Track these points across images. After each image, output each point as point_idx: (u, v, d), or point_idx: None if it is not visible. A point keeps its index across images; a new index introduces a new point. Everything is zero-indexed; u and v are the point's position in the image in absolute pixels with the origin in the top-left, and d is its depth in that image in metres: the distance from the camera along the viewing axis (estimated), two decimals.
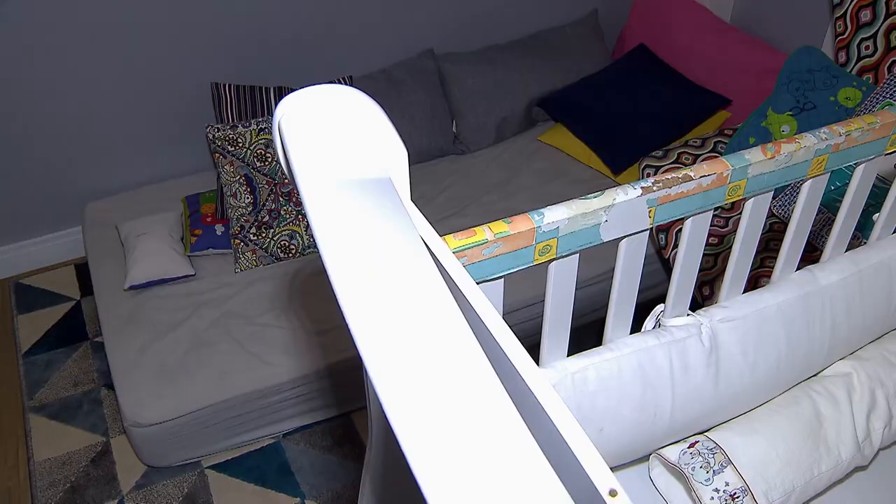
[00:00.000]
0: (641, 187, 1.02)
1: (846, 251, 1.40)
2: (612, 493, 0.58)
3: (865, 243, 1.42)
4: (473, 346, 0.60)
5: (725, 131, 2.63)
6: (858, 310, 1.38)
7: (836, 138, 1.15)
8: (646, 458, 1.40)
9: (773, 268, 1.36)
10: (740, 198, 1.12)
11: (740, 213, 2.24)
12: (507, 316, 2.41)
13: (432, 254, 0.79)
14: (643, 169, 2.56)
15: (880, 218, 1.39)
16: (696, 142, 2.60)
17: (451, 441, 0.49)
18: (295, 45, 2.87)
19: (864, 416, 1.36)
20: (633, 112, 2.90)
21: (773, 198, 2.29)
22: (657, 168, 2.50)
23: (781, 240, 2.13)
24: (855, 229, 1.96)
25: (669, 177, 1.05)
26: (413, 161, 3.02)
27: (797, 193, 2.22)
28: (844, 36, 2.34)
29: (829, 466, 1.31)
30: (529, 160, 3.00)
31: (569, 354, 1.18)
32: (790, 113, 2.34)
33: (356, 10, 2.91)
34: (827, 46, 2.64)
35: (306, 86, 0.76)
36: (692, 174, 1.06)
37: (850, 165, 1.23)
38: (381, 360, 0.54)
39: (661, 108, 2.88)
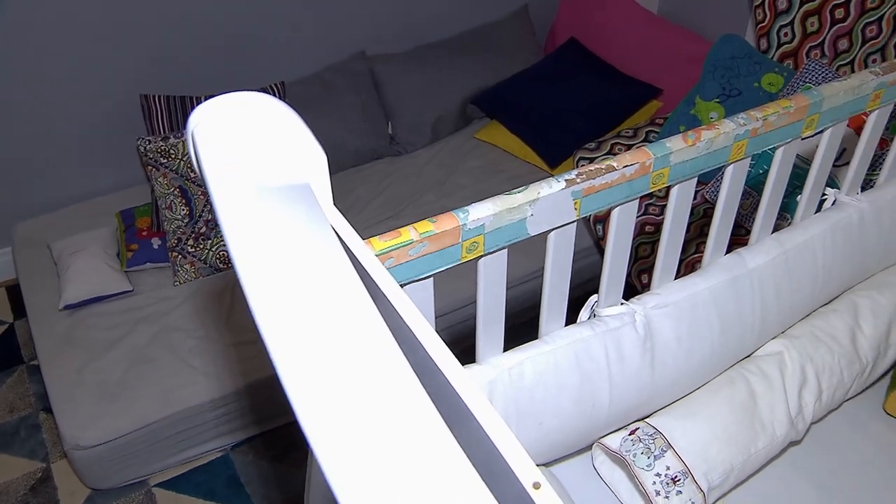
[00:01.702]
0: (565, 180, 1.03)
1: (773, 233, 1.43)
2: (536, 486, 0.58)
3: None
4: (391, 349, 0.59)
5: (657, 121, 2.67)
6: (787, 289, 1.41)
7: (754, 123, 1.18)
8: (589, 448, 1.41)
9: None
10: (664, 185, 1.14)
11: None
12: (455, 312, 2.41)
13: (355, 257, 0.79)
14: (577, 161, 2.59)
15: (802, 198, 1.42)
16: (628, 132, 2.64)
17: (365, 444, 0.49)
18: (225, 53, 2.84)
19: (796, 393, 1.40)
20: (566, 105, 2.93)
21: (705, 184, 2.33)
22: (591, 160, 2.53)
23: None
24: (784, 210, 2.01)
25: (593, 168, 1.06)
26: (349, 164, 3.00)
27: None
28: (764, 24, 2.39)
29: (765, 444, 1.34)
30: (466, 158, 3.01)
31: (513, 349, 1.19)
32: (717, 100, 2.38)
33: (285, 15, 2.88)
34: (750, 34, 2.70)
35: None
36: (615, 164, 1.07)
37: (772, 149, 1.26)
38: (294, 368, 0.53)
39: (594, 101, 2.91)
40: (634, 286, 2.33)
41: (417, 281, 1.00)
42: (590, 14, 3.24)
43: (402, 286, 1.00)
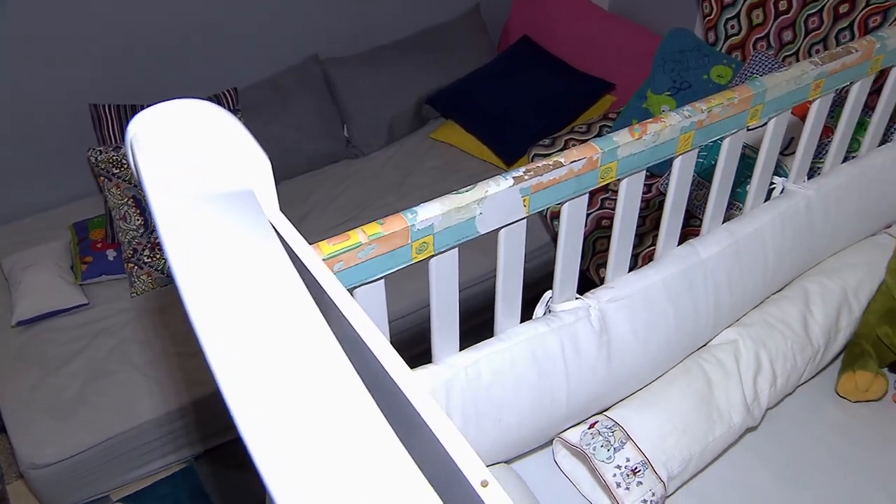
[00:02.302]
0: (513, 177, 1.04)
1: (725, 223, 1.44)
2: (484, 484, 0.58)
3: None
4: (334, 353, 0.59)
5: (610, 115, 2.69)
6: (739, 278, 1.42)
7: (699, 115, 1.19)
8: (550, 443, 1.42)
9: None
10: (613, 179, 1.14)
11: None
12: (420, 312, 2.41)
13: (301, 263, 0.78)
14: (532, 158, 2.60)
15: (751, 188, 1.44)
16: (582, 128, 2.65)
17: (307, 452, 0.49)
18: (176, 60, 2.80)
19: (752, 379, 1.41)
20: (520, 103, 2.94)
21: (660, 176, 2.35)
22: (545, 156, 2.53)
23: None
24: (736, 200, 2.03)
25: (540, 164, 1.06)
26: (306, 168, 2.99)
27: None
28: (711, 17, 2.42)
29: (722, 431, 1.36)
30: (423, 159, 3.01)
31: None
32: (668, 93, 2.41)
33: (236, 20, 2.86)
34: (699, 28, 2.73)
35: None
36: (563, 160, 1.07)
37: (719, 140, 1.27)
38: (235, 379, 0.53)
39: (548, 97, 2.93)
40: (593, 280, 2.35)
41: (368, 283, 0.99)
42: (542, 12, 3.26)
43: (352, 289, 0.99)
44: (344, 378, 0.57)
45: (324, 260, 0.93)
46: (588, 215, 2.31)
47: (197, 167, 0.77)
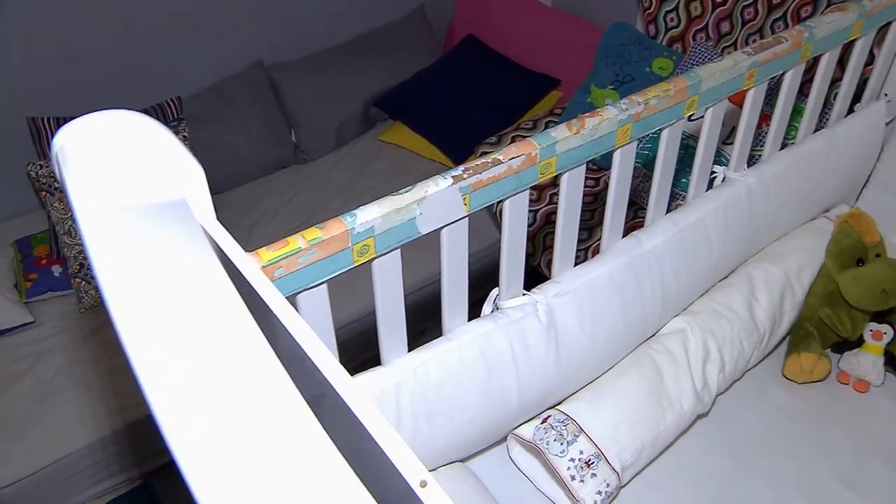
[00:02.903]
0: (452, 176, 1.04)
1: (669, 213, 1.46)
2: (423, 485, 0.58)
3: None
4: (268, 362, 0.59)
5: (556, 111, 2.71)
6: (684, 267, 1.44)
7: (636, 107, 1.20)
8: (505, 439, 1.42)
9: None
10: (553, 174, 1.15)
11: None
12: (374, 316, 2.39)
13: (237, 271, 0.77)
14: (480, 156, 2.60)
15: (692, 178, 1.46)
16: (528, 124, 2.66)
17: (241, 464, 0.48)
18: (117, 70, 2.75)
19: (700, 367, 1.43)
20: (467, 102, 2.94)
21: (608, 169, 2.37)
22: None
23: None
24: (681, 190, 2.06)
25: (479, 163, 1.06)
26: (255, 175, 2.96)
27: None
28: (651, 10, 2.45)
29: (673, 419, 1.37)
30: (372, 161, 2.99)
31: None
32: (611, 87, 2.43)
33: (178, 28, 2.82)
34: (640, 22, 2.75)
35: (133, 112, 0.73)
36: (501, 158, 1.08)
37: (658, 131, 1.28)
38: (165, 393, 0.52)
39: (494, 95, 2.93)
40: (545, 276, 2.36)
41: (311, 288, 0.99)
42: (486, 10, 3.27)
43: (295, 295, 0.98)
44: (278, 387, 0.57)
45: (264, 267, 0.92)
46: (537, 211, 2.32)
47: (125, 178, 0.75)
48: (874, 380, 1.55)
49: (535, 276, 2.17)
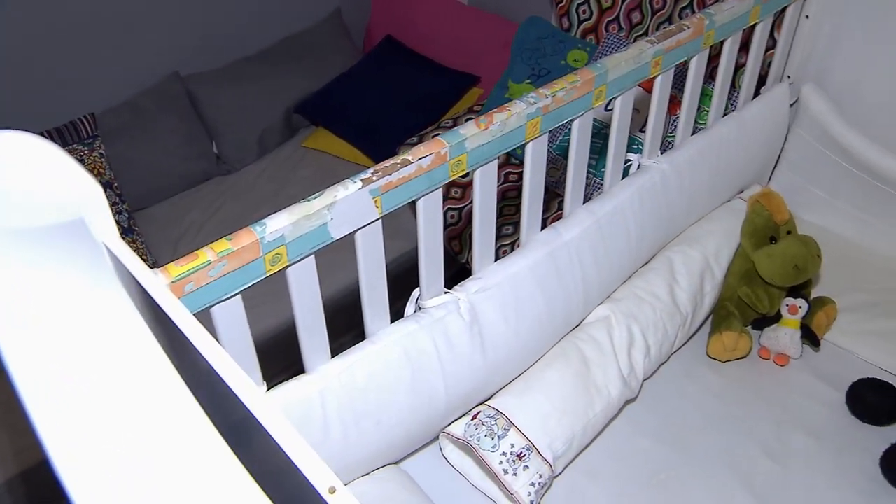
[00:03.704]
0: (361, 179, 1.03)
1: (586, 202, 1.47)
2: (332, 491, 0.57)
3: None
4: (170, 379, 0.58)
5: (476, 108, 2.72)
6: (604, 256, 1.46)
7: (544, 100, 1.21)
8: (437, 438, 1.42)
9: None
10: (464, 171, 1.15)
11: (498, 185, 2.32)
12: None
13: (142, 288, 0.76)
14: None
15: (607, 166, 1.48)
16: (448, 122, 2.67)
17: (142, 483, 0.47)
18: (26, 87, 2.68)
19: (626, 353, 1.45)
20: (388, 103, 2.94)
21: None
22: None
23: (544, 203, 2.22)
24: (602, 178, 2.08)
25: (388, 164, 1.06)
26: (178, 189, 2.90)
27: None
28: (563, 4, 2.48)
29: (602, 406, 1.39)
30: (297, 168, 2.97)
31: None
32: (528, 81, 2.45)
33: (88, 42, 2.75)
34: (554, 16, 2.78)
35: (44, 130, 0.71)
36: (410, 158, 1.08)
37: (568, 123, 1.30)
38: (56, 417, 0.50)
39: (415, 95, 2.93)
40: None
41: (224, 301, 0.97)
42: (402, 10, 3.26)
43: (208, 308, 0.97)
44: (180, 403, 0.56)
45: (173, 282, 0.91)
46: (462, 209, 2.33)
47: (17, 200, 0.73)
48: (793, 353, 1.60)
49: (466, 273, 2.17)
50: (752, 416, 1.49)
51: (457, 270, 2.26)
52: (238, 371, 0.65)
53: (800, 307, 1.59)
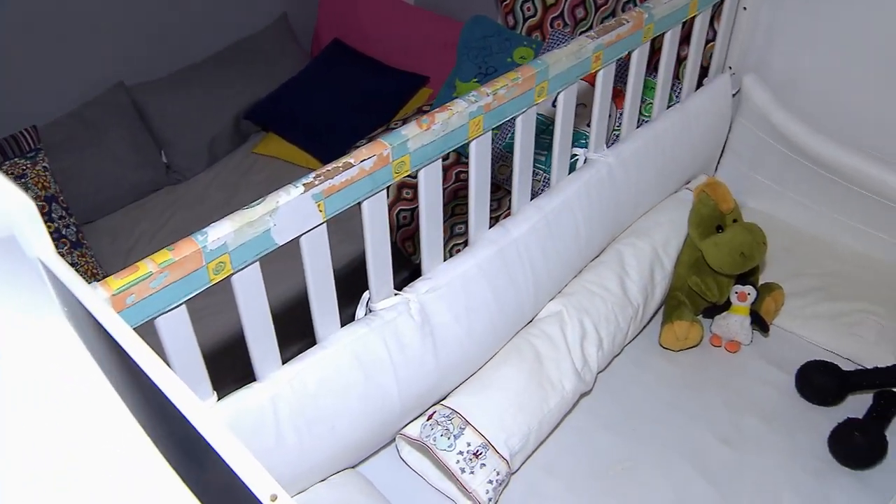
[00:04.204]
0: (303, 184, 1.03)
1: (534, 199, 1.48)
2: (273, 498, 0.57)
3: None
4: (106, 396, 0.57)
5: (424, 108, 2.72)
6: (553, 251, 1.47)
7: (486, 98, 1.22)
8: (394, 440, 1.42)
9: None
10: (408, 172, 1.15)
11: (447, 185, 2.33)
12: None
13: (80, 303, 0.75)
14: None
15: (553, 162, 1.49)
16: (397, 124, 2.67)
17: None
18: None
19: (579, 346, 1.46)
20: (338, 107, 2.93)
21: None
22: None
23: (496, 200, 2.23)
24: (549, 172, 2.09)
25: (330, 168, 1.06)
26: (127, 200, 2.86)
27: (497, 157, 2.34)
28: (507, 2, 2.49)
29: (556, 401, 1.40)
30: (248, 175, 2.94)
31: None
32: (475, 80, 2.46)
33: (27, 53, 2.70)
34: (501, 14, 2.79)
35: None
36: (352, 161, 1.08)
37: (511, 120, 1.30)
38: None
39: (365, 98, 2.93)
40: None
41: (168, 312, 0.96)
42: (348, 13, 3.25)
43: (152, 320, 0.96)
44: (116, 420, 0.55)
45: (114, 295, 0.89)
46: (414, 210, 2.33)
47: None
48: (743, 339, 1.62)
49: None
50: (706, 403, 1.51)
51: (413, 272, 2.26)
52: (176, 382, 0.64)
53: (748, 294, 1.62)
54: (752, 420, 1.48)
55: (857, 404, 1.48)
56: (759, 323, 1.62)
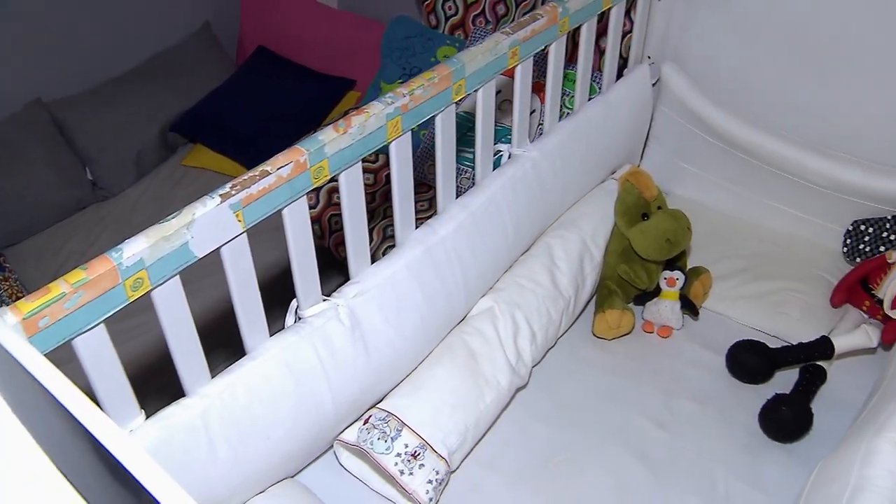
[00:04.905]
0: (220, 195, 1.01)
1: (459, 196, 1.48)
2: None
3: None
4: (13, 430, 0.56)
5: (350, 112, 2.71)
6: (481, 248, 1.48)
7: (402, 100, 1.22)
8: (332, 447, 1.41)
9: None
10: (328, 177, 1.15)
11: (383, 187, 2.32)
12: None
13: None
14: None
15: (476, 159, 1.50)
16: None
17: None
18: None
19: (512, 341, 1.47)
20: (266, 114, 2.90)
21: None
22: None
23: (427, 200, 2.23)
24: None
25: (247, 177, 1.05)
26: (53, 220, 2.79)
27: (426, 156, 2.34)
28: (429, 1, 2.50)
29: (493, 397, 1.40)
30: (177, 188, 2.90)
31: None
32: (400, 81, 2.46)
33: None
34: (422, 14, 2.80)
35: None
36: (269, 168, 1.07)
37: (431, 119, 1.31)
38: None
39: (292, 104, 2.91)
40: None
41: (86, 332, 0.94)
42: (272, 20, 3.22)
43: (70, 341, 0.93)
44: (22, 451, 0.54)
45: (25, 318, 0.87)
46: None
47: None
48: (675, 324, 1.65)
49: None
50: (641, 389, 1.54)
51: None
52: (86, 406, 0.63)
53: (677, 279, 1.65)
54: (685, 403, 1.51)
55: (786, 380, 1.52)
56: (689, 307, 1.65)
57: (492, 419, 1.43)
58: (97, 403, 1.00)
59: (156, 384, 1.48)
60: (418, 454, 1.29)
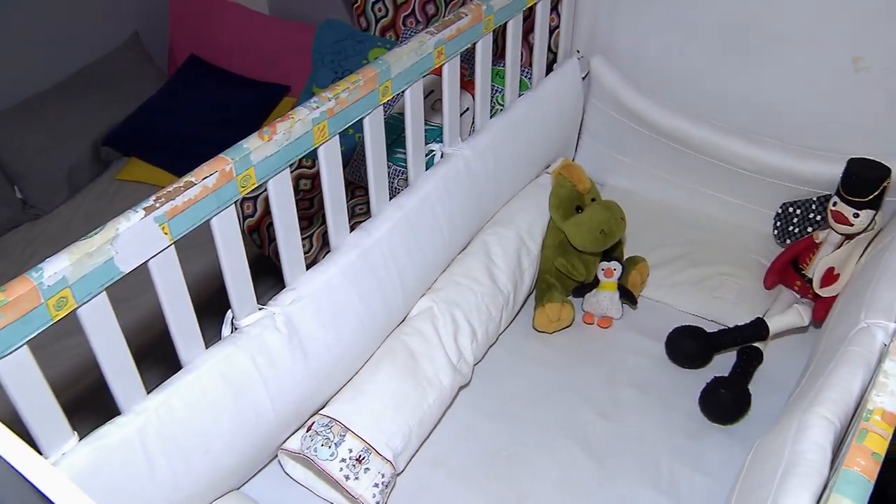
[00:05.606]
0: (143, 208, 1.00)
1: (393, 198, 1.48)
2: None
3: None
4: None
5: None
6: (417, 248, 1.48)
7: (327, 104, 1.21)
8: (276, 456, 1.40)
9: None
10: (255, 185, 1.14)
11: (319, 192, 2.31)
12: None
13: None
14: None
15: (408, 159, 1.50)
16: None
17: None
18: None
19: (452, 340, 1.47)
20: (200, 124, 2.86)
21: (345, 167, 2.39)
22: None
23: (366, 203, 2.22)
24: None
25: (171, 188, 1.04)
26: None
27: (364, 159, 2.33)
28: (358, 4, 2.49)
29: (435, 397, 1.41)
30: (113, 203, 2.84)
31: None
32: None
33: None
34: (352, 17, 2.79)
35: None
36: (193, 179, 1.06)
37: (358, 122, 1.30)
38: None
39: (226, 112, 2.87)
40: None
41: (9, 355, 0.92)
42: (201, 27, 3.19)
43: None
44: None
45: None
46: None
47: None
48: (614, 314, 1.67)
49: None
50: (583, 380, 1.55)
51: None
52: (10, 437, 0.61)
53: (614, 269, 1.67)
54: (628, 391, 1.52)
55: (724, 363, 1.55)
56: (628, 296, 1.67)
57: (436, 419, 1.43)
58: (25, 428, 0.98)
59: (94, 405, 1.45)
60: (363, 458, 1.29)
